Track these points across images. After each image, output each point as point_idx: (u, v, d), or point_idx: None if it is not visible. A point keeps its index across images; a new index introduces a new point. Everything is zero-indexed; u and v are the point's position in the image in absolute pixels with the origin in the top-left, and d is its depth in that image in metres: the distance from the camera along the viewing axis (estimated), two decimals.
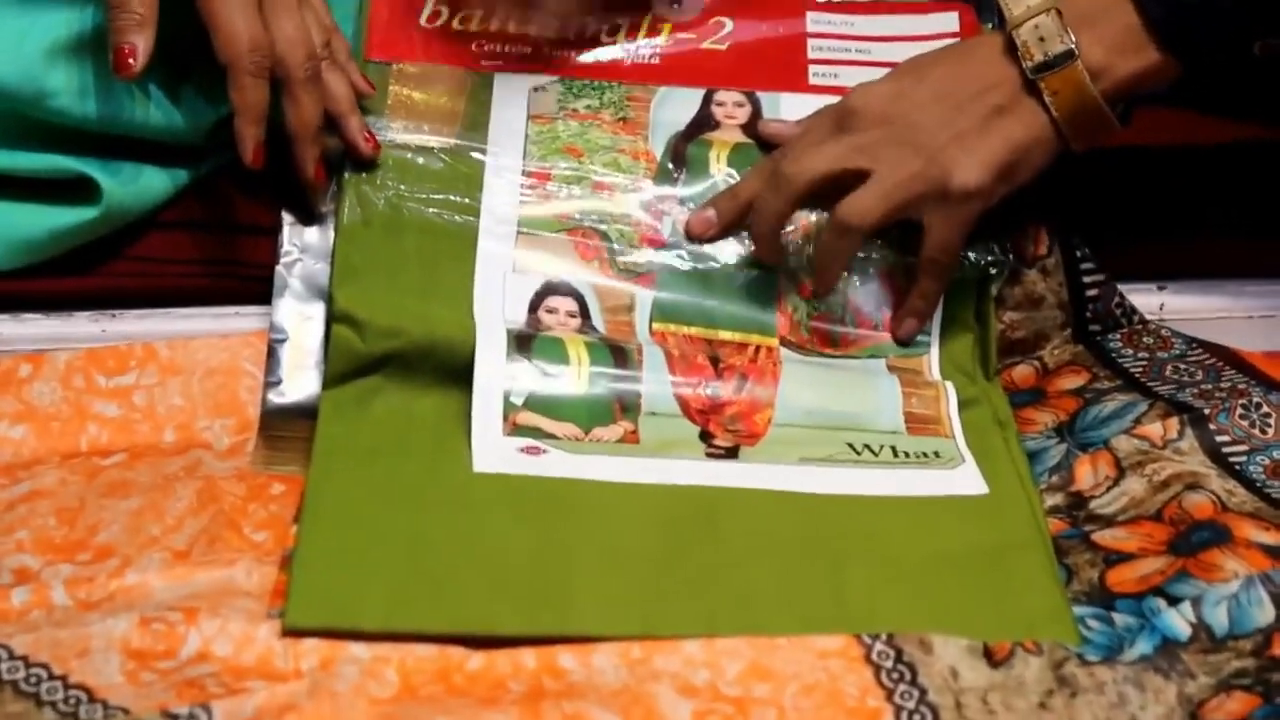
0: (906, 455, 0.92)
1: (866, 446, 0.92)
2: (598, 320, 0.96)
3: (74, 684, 0.77)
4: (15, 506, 0.87)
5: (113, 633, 0.78)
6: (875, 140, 0.93)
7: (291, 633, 0.79)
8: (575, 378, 0.93)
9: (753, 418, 0.93)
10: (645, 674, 0.78)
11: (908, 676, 0.78)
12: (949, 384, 0.96)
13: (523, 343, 0.93)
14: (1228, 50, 0.93)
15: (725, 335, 0.97)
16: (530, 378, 0.92)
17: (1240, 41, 0.92)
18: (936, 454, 0.93)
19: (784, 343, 0.97)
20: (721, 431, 0.93)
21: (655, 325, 0.97)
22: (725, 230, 0.99)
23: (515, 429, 0.90)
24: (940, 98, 0.93)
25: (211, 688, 0.77)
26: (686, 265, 0.99)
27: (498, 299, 0.96)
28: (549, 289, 0.97)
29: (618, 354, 0.94)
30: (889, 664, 0.79)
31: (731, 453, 0.92)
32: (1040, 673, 0.79)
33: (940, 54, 0.98)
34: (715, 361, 0.95)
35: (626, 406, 0.92)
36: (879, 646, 0.79)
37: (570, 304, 0.96)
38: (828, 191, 0.95)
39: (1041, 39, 0.92)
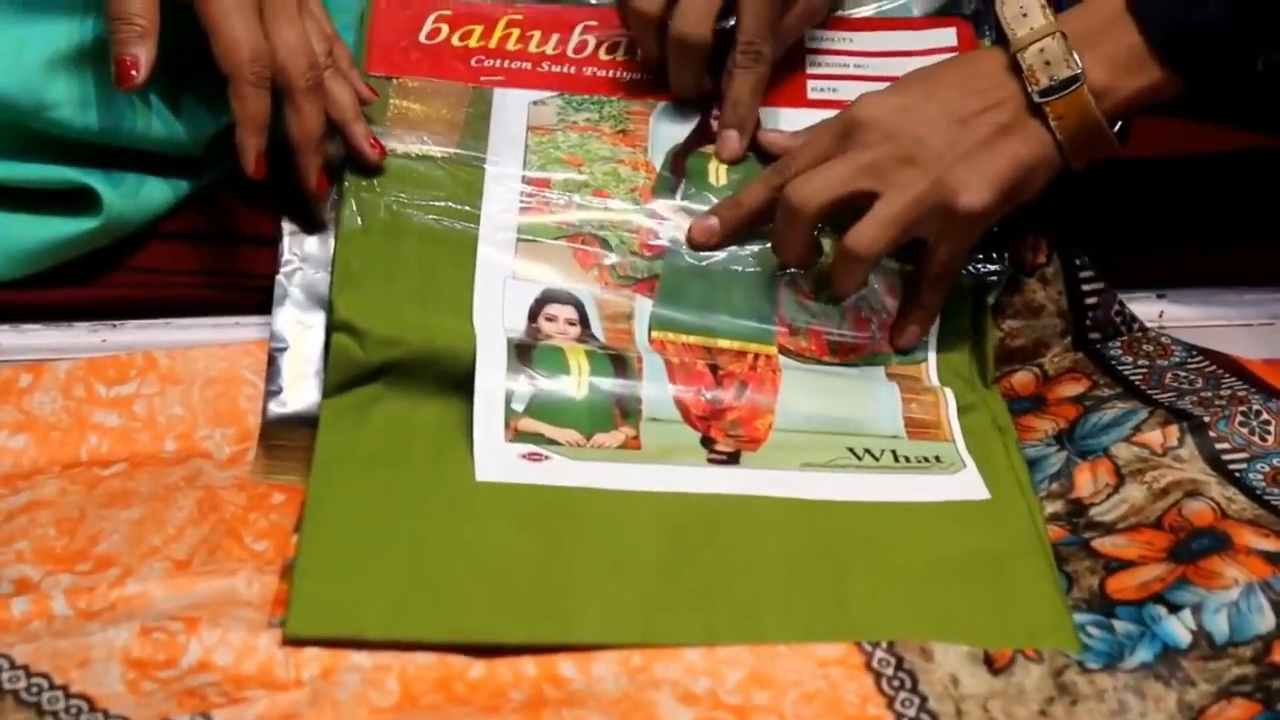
0: (907, 460, 0.92)
1: (868, 451, 0.92)
2: (597, 328, 0.96)
3: (75, 694, 0.77)
4: (15, 516, 0.87)
5: (113, 642, 0.78)
6: (881, 159, 0.93)
7: (292, 642, 0.79)
8: (576, 386, 0.93)
9: (753, 423, 0.93)
10: (645, 682, 0.78)
11: (908, 684, 0.78)
12: (948, 390, 0.96)
13: (523, 352, 0.93)
14: (1230, 66, 0.93)
15: (724, 344, 0.97)
16: (531, 385, 0.92)
17: (1242, 58, 0.92)
18: (938, 459, 0.93)
19: (782, 351, 0.97)
20: (723, 437, 0.93)
21: (654, 333, 0.97)
22: (727, 238, 0.99)
23: (517, 435, 0.90)
24: (946, 113, 0.93)
25: (212, 697, 0.77)
26: (686, 273, 0.99)
27: (497, 306, 0.96)
28: (548, 297, 0.97)
29: (617, 363, 0.94)
30: (889, 671, 0.79)
31: (733, 458, 0.92)
32: (1040, 680, 0.79)
33: (944, 68, 0.98)
34: (714, 369, 0.95)
35: (627, 412, 0.92)
36: (879, 654, 0.79)
37: (570, 312, 0.97)
38: (837, 210, 0.95)
39: (1047, 63, 0.92)
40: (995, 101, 0.94)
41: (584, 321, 0.96)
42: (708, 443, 0.92)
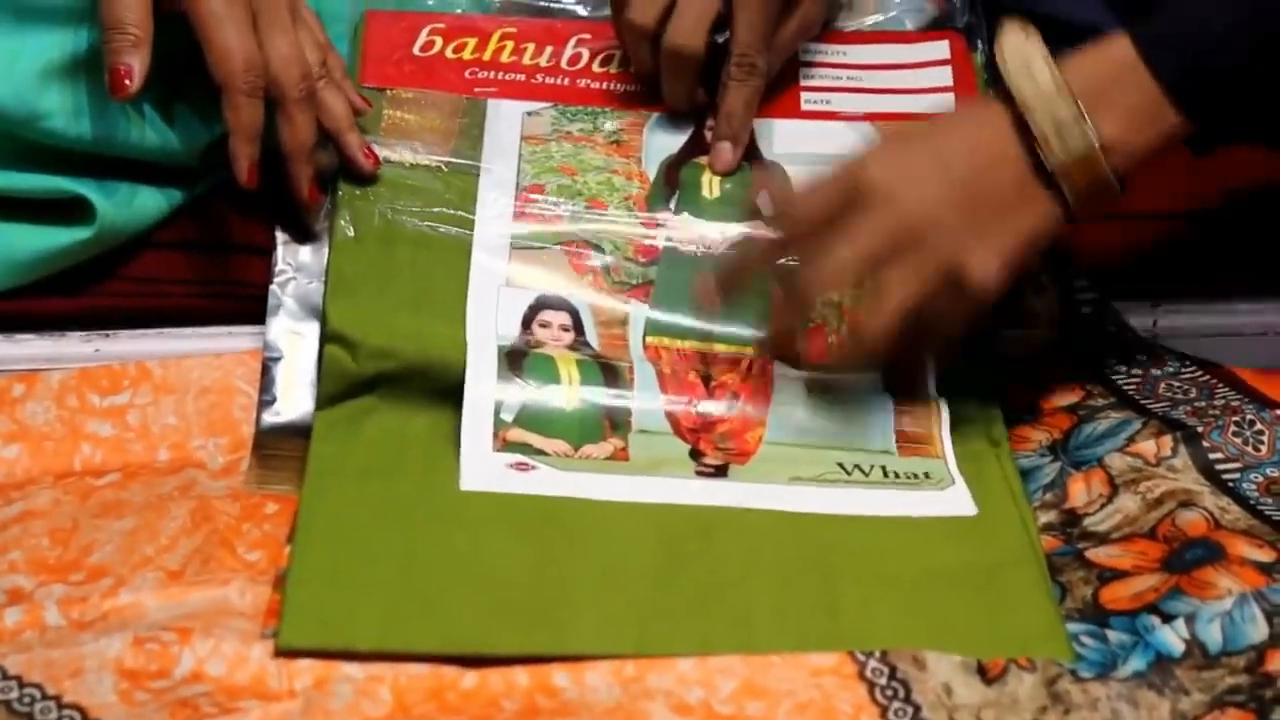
0: (896, 476, 0.92)
1: (857, 466, 0.92)
2: (591, 334, 0.96)
3: (67, 704, 0.77)
4: (8, 527, 0.87)
5: (106, 653, 0.78)
6: (889, 242, 0.88)
7: (285, 652, 0.79)
8: (565, 397, 0.93)
9: (744, 436, 0.93)
10: (639, 692, 0.78)
11: (901, 693, 0.78)
12: (943, 401, 0.96)
13: (514, 361, 0.93)
14: (1245, 108, 0.90)
15: (719, 348, 0.97)
16: (521, 395, 0.92)
17: (1257, 96, 0.90)
18: (926, 475, 0.92)
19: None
20: (712, 449, 0.92)
21: (649, 339, 0.97)
22: (727, 299, 0.96)
23: (505, 445, 0.90)
24: (956, 185, 0.89)
25: (205, 708, 0.77)
26: (680, 279, 0.99)
27: (491, 314, 0.96)
28: (542, 303, 0.97)
29: (609, 372, 0.94)
30: (883, 681, 0.79)
31: (721, 471, 0.91)
32: (1034, 689, 0.79)
33: (952, 131, 0.93)
34: (707, 380, 0.95)
35: (616, 423, 0.92)
36: (872, 664, 0.79)
37: (564, 318, 0.96)
38: None
39: (1059, 130, 0.88)
40: (1005, 170, 0.89)
41: (578, 328, 0.96)
42: (696, 455, 0.92)
